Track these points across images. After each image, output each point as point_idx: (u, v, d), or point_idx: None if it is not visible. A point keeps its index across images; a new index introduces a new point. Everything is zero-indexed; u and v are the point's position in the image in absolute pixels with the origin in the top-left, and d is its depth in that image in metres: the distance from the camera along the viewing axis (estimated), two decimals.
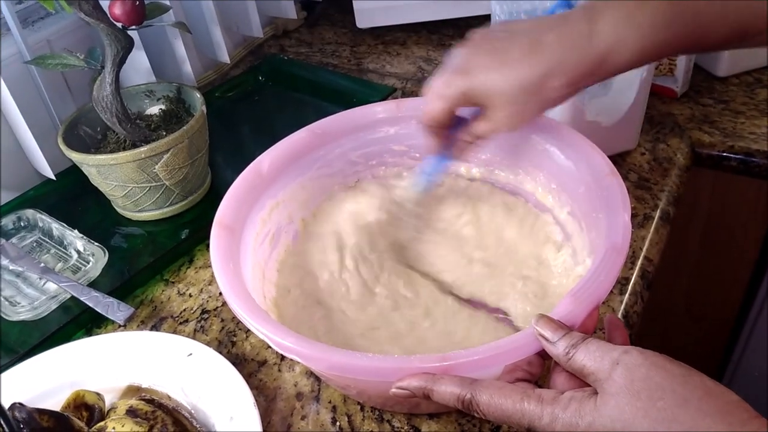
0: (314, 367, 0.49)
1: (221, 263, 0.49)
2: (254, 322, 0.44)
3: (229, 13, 1.00)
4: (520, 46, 0.44)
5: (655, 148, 0.77)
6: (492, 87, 0.45)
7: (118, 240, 0.71)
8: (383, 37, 1.08)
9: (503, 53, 0.45)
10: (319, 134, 0.62)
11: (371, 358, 0.40)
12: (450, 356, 0.39)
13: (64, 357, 0.56)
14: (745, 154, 0.76)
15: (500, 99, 0.46)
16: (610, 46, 0.43)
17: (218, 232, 0.51)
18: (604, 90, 0.67)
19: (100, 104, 0.67)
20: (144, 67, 0.83)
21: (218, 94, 0.94)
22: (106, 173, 0.68)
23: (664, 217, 0.69)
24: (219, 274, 0.48)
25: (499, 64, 0.45)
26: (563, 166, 0.55)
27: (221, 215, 0.53)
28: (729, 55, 0.85)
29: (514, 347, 0.40)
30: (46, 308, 0.62)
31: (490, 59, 0.45)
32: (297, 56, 1.06)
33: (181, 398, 0.53)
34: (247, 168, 0.58)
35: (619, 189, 0.48)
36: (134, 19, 0.65)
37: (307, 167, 0.62)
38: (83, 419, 0.49)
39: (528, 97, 0.45)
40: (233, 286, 0.47)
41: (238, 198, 0.55)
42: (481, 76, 0.46)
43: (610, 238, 0.44)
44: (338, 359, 0.41)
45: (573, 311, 0.40)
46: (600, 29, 0.43)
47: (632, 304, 0.60)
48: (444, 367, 0.39)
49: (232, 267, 0.49)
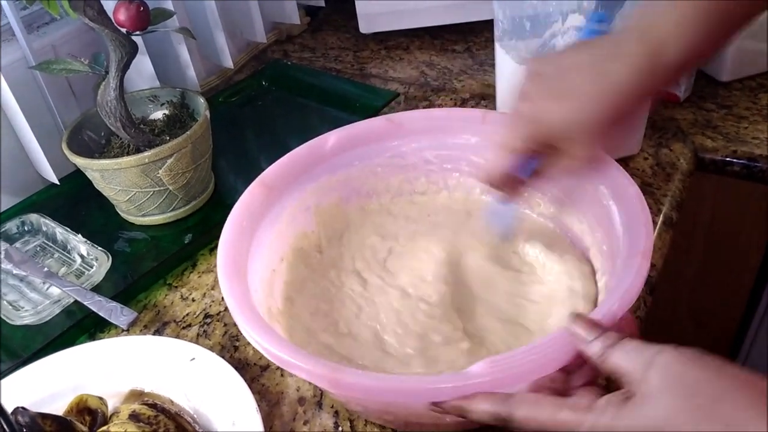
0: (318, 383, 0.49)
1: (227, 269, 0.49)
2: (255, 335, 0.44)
3: (233, 19, 1.01)
4: (586, 79, 0.44)
5: (658, 153, 0.77)
6: (568, 127, 0.45)
7: (122, 244, 0.71)
8: (386, 42, 1.08)
9: (570, 94, 0.45)
10: (396, 123, 0.62)
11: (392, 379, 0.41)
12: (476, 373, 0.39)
13: (67, 361, 0.56)
14: (748, 159, 0.76)
15: (583, 136, 0.46)
16: (674, 53, 0.43)
17: (257, 190, 0.54)
18: None
19: (104, 109, 0.67)
20: (148, 72, 0.83)
21: (222, 99, 0.94)
22: (109, 178, 0.68)
23: (667, 222, 0.69)
24: (223, 278, 0.48)
25: (574, 103, 0.45)
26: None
27: (265, 174, 0.56)
28: (732, 61, 0.85)
29: (547, 351, 0.39)
30: (49, 312, 0.62)
31: (561, 101, 0.45)
32: (300, 61, 1.06)
33: (184, 403, 0.53)
34: (312, 140, 0.60)
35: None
36: (138, 24, 0.66)
37: (377, 154, 0.62)
38: (86, 424, 0.49)
39: (604, 126, 0.45)
40: (237, 297, 0.47)
41: (291, 162, 0.58)
42: (555, 120, 0.46)
43: (633, 246, 0.45)
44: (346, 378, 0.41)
45: (611, 310, 0.41)
46: (657, 40, 0.43)
47: (635, 309, 0.60)
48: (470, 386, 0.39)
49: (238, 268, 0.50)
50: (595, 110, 0.44)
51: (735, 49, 0.83)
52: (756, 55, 0.85)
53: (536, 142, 0.47)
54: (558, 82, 0.46)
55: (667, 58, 0.43)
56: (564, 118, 0.45)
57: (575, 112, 0.45)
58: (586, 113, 0.44)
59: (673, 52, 0.43)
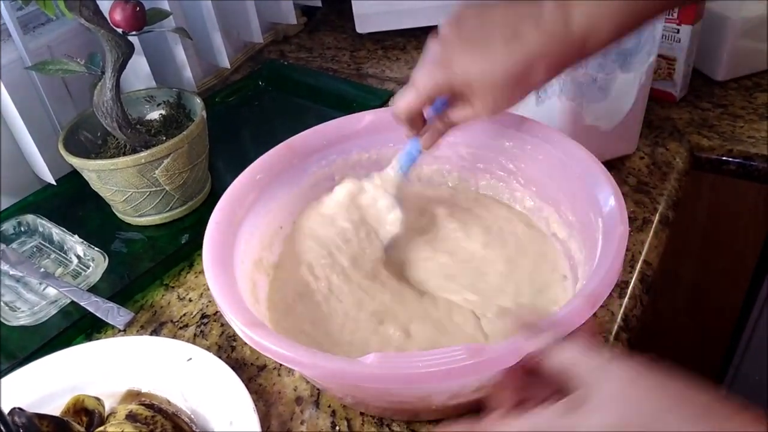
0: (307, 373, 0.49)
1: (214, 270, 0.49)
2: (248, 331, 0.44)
3: (230, 19, 1.01)
4: (499, 37, 0.45)
5: (654, 153, 0.77)
6: (474, 78, 0.46)
7: (118, 245, 0.71)
8: (383, 42, 1.08)
9: (483, 44, 0.46)
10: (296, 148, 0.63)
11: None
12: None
13: (64, 362, 0.56)
14: (744, 157, 0.76)
15: (483, 89, 0.47)
16: (587, 29, 0.44)
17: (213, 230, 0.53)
18: (603, 94, 0.68)
19: (101, 109, 0.67)
20: (144, 72, 0.83)
21: (218, 100, 0.94)
22: (106, 178, 0.68)
23: (663, 221, 0.69)
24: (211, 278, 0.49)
25: (480, 56, 0.46)
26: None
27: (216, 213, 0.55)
28: (728, 60, 0.85)
29: (496, 355, 0.39)
30: (46, 313, 0.62)
31: (470, 51, 0.46)
32: (297, 61, 1.06)
33: (181, 403, 0.53)
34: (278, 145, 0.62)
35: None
36: (134, 24, 0.66)
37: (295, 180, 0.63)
38: (83, 424, 0.49)
39: (511, 86, 0.46)
40: (226, 294, 0.47)
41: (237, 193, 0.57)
42: (463, 68, 0.47)
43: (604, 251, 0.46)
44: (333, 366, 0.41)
45: (571, 312, 0.41)
46: (575, 14, 0.44)
47: (632, 307, 0.60)
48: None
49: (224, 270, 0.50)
50: (500, 68, 0.45)
51: (731, 49, 0.84)
52: (752, 55, 0.85)
53: (442, 86, 0.48)
54: (475, 31, 0.46)
55: (581, 38, 0.44)
56: (469, 68, 0.46)
57: (480, 65, 0.46)
58: (489, 68, 0.45)
59: (588, 33, 0.44)
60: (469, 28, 0.47)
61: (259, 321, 0.45)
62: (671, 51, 0.81)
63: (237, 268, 0.52)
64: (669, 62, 0.82)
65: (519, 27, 0.45)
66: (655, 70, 0.81)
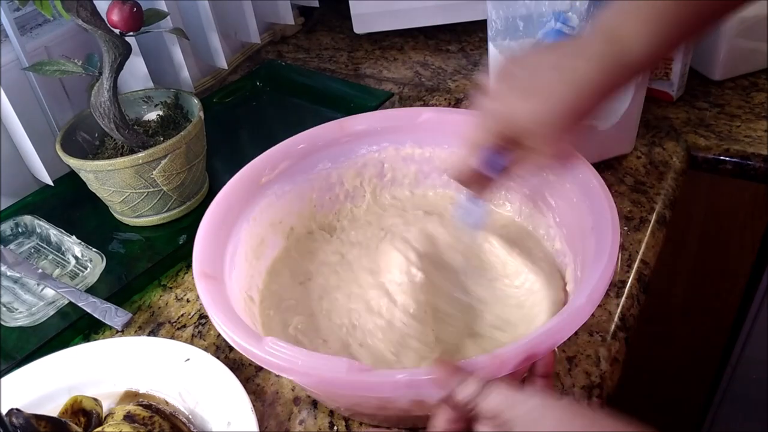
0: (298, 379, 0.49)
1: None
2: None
3: (227, 19, 1.01)
4: (551, 80, 0.45)
5: (651, 152, 0.77)
6: (533, 123, 0.46)
7: (116, 245, 0.71)
8: (380, 43, 1.08)
9: (535, 91, 0.45)
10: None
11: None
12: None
13: (62, 363, 0.56)
14: (740, 157, 0.76)
15: (543, 130, 0.46)
16: (636, 52, 0.44)
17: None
18: None
19: (98, 110, 0.67)
20: (142, 73, 0.83)
21: (216, 100, 0.94)
22: (103, 179, 0.68)
23: (660, 220, 0.69)
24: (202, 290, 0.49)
25: (536, 101, 0.45)
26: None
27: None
28: (725, 60, 0.85)
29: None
30: (43, 314, 0.62)
31: (523, 98, 0.46)
32: (295, 62, 1.06)
33: (179, 403, 0.53)
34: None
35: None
36: (132, 25, 0.66)
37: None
38: (81, 425, 0.49)
39: (568, 122, 0.46)
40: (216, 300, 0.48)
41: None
42: (520, 117, 0.46)
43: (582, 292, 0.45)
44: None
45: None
46: (620, 40, 0.43)
47: (629, 307, 0.60)
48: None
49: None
50: (560, 107, 0.45)
51: (728, 48, 0.84)
52: (748, 54, 0.85)
53: (503, 138, 0.48)
54: (526, 81, 0.46)
55: (629, 57, 0.44)
56: (530, 114, 0.46)
57: (541, 108, 0.45)
58: (551, 109, 0.45)
59: (636, 52, 0.44)
60: (517, 78, 0.47)
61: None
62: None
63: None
64: (666, 62, 0.82)
65: (565, 64, 0.45)
66: (652, 69, 0.81)
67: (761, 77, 0.87)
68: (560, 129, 0.46)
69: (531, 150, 0.48)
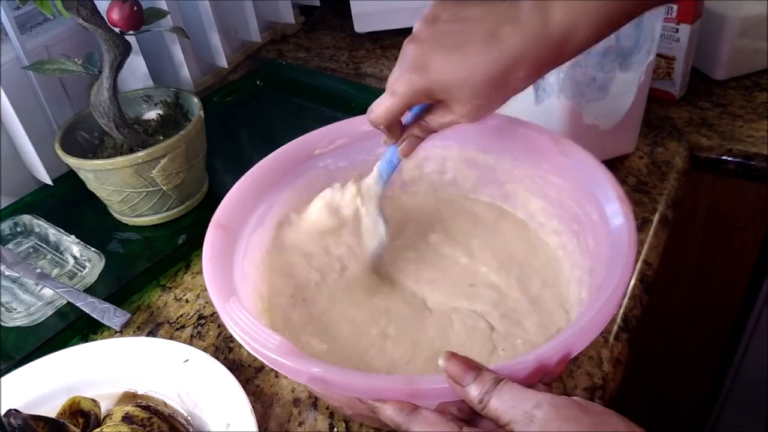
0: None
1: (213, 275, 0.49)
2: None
3: (228, 18, 1.00)
4: (477, 39, 0.43)
5: (654, 152, 0.77)
6: (454, 83, 0.44)
7: (115, 245, 0.71)
8: (381, 42, 1.08)
9: (461, 48, 0.44)
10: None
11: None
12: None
13: (60, 363, 0.56)
14: (743, 157, 0.76)
15: (463, 94, 0.45)
16: (568, 28, 0.42)
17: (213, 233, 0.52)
18: (602, 94, 0.67)
19: (98, 109, 0.67)
20: (142, 72, 0.83)
21: (216, 99, 0.93)
22: (103, 178, 0.67)
23: (662, 220, 0.69)
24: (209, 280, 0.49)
25: (459, 60, 0.44)
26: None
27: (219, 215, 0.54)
28: (727, 59, 0.85)
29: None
30: (42, 314, 0.62)
31: (448, 54, 0.44)
32: (295, 61, 1.06)
33: (178, 405, 0.53)
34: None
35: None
36: (132, 24, 0.65)
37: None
38: (79, 426, 0.49)
39: (491, 91, 0.44)
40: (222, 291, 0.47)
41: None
42: (442, 73, 0.45)
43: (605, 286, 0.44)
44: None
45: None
46: (555, 14, 0.42)
47: (631, 307, 0.60)
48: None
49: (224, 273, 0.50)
50: (480, 73, 0.43)
51: (730, 48, 0.84)
52: (751, 54, 0.85)
53: (420, 92, 0.46)
54: (451, 33, 0.44)
55: (562, 39, 0.42)
56: (449, 72, 0.44)
57: (461, 68, 0.44)
58: (469, 73, 0.43)
59: (569, 33, 0.42)
60: (446, 29, 0.45)
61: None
62: (670, 50, 0.81)
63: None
64: (668, 61, 0.81)
65: (497, 28, 0.43)
66: (655, 69, 0.80)
67: (764, 77, 0.87)
68: (477, 94, 0.44)
69: (445, 107, 0.47)
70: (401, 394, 0.39)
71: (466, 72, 0.43)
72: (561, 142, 0.55)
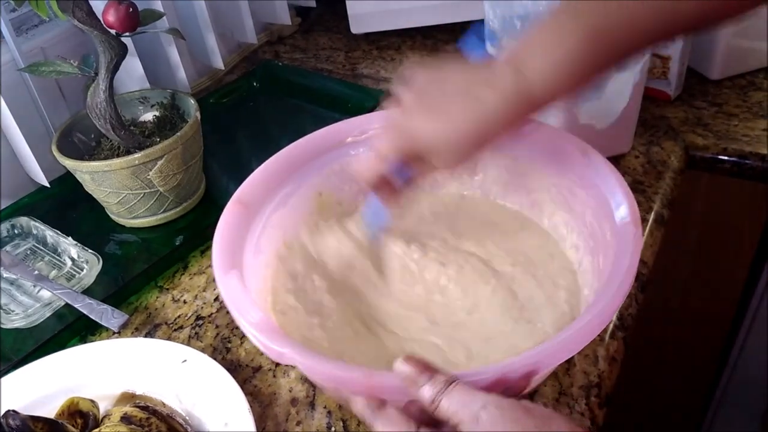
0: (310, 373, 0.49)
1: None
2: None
3: (224, 20, 1.00)
4: (458, 102, 0.47)
5: (649, 151, 0.77)
6: (438, 143, 0.48)
7: (113, 247, 0.71)
8: (378, 43, 1.08)
9: (443, 111, 0.47)
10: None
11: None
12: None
13: (59, 364, 0.56)
14: (738, 156, 0.76)
15: (447, 152, 0.48)
16: (540, 90, 0.45)
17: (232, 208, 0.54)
18: (598, 93, 0.68)
19: (94, 111, 0.67)
20: (138, 73, 0.83)
21: (213, 101, 0.94)
22: (100, 180, 0.68)
23: (658, 219, 0.69)
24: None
25: (442, 122, 0.47)
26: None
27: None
28: (722, 59, 0.85)
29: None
30: (40, 316, 0.62)
31: (432, 118, 0.48)
32: (292, 62, 1.06)
33: (176, 405, 0.53)
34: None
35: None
36: (128, 25, 0.65)
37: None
38: (77, 426, 0.49)
39: (472, 146, 0.48)
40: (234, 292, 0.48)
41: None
42: (426, 134, 0.48)
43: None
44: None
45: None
46: (526, 72, 0.45)
47: (626, 306, 0.60)
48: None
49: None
50: (463, 133, 0.46)
51: (725, 47, 0.84)
52: (746, 53, 0.85)
53: (407, 152, 0.50)
54: (435, 98, 0.48)
55: (534, 95, 0.45)
56: (432, 134, 0.48)
57: (443, 129, 0.47)
58: (453, 134, 0.47)
59: (540, 90, 0.45)
60: (429, 96, 0.48)
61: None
62: (665, 49, 0.81)
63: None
64: (663, 61, 0.82)
65: (475, 91, 0.46)
66: (650, 68, 0.81)
67: (759, 76, 0.87)
68: (460, 153, 0.48)
69: (429, 164, 0.50)
70: (362, 387, 0.40)
71: (448, 132, 0.47)
72: (588, 153, 0.56)
